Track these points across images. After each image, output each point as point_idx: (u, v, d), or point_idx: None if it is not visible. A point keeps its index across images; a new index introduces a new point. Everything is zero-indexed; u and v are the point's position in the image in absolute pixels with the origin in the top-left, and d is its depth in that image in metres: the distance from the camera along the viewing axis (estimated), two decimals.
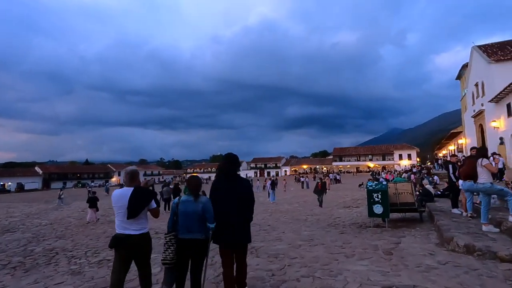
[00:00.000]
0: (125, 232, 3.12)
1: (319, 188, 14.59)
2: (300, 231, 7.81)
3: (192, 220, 3.22)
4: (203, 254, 3.27)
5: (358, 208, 12.51)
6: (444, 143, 51.52)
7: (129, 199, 3.11)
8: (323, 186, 14.77)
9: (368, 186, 7.79)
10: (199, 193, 3.38)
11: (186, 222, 3.22)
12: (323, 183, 15.19)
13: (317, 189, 14.81)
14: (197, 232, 3.22)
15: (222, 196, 3.30)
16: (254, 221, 10.47)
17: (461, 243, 4.73)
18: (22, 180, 72.85)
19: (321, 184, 14.83)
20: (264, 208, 14.44)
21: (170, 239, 3.20)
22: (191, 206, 3.23)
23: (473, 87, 29.69)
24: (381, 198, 7.46)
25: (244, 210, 3.32)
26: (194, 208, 3.22)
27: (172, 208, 3.39)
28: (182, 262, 3.23)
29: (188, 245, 3.20)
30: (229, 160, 3.42)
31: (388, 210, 7.47)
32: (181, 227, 3.23)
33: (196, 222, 3.22)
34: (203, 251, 3.27)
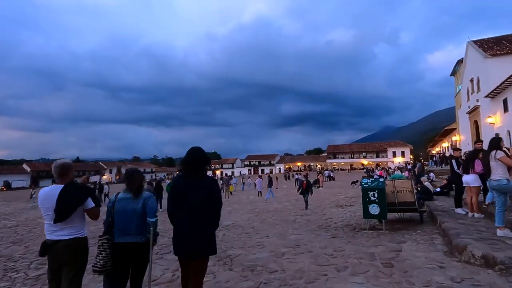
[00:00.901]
0: (53, 238, 2.72)
1: (303, 188, 12.73)
2: (286, 234, 6.89)
3: (130, 220, 2.85)
4: (144, 260, 2.89)
5: (352, 207, 11.67)
6: (437, 140, 51.36)
7: (57, 198, 2.68)
8: (309, 186, 12.85)
9: (363, 184, 6.90)
10: (141, 189, 2.98)
11: (123, 223, 2.84)
12: (308, 182, 13.12)
13: (301, 188, 12.96)
14: (136, 235, 2.84)
15: (180, 199, 2.77)
16: (238, 222, 9.68)
17: (478, 253, 3.85)
18: (9, 178, 71.02)
19: (306, 183, 12.92)
20: (252, 207, 13.52)
21: (103, 243, 2.82)
22: (129, 205, 2.86)
23: (468, 83, 29.22)
24: (378, 197, 6.58)
25: (205, 215, 2.75)
26: (133, 207, 2.86)
27: (107, 208, 2.97)
28: (120, 270, 2.84)
29: (125, 250, 2.82)
30: (191, 155, 2.86)
31: (385, 211, 6.59)
32: (117, 229, 2.85)
33: (135, 223, 2.85)
34: (144, 257, 2.87)
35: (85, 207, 2.82)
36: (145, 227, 2.86)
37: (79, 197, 2.78)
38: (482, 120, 24.90)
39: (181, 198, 2.75)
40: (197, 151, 2.90)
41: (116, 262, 2.82)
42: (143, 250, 2.87)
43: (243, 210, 12.56)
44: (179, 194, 2.78)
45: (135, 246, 2.83)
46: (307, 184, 12.78)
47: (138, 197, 2.91)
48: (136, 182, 2.97)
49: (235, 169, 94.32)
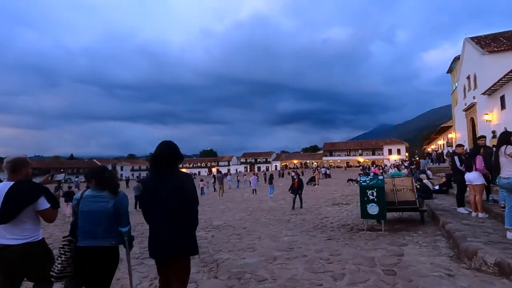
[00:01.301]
0: (2, 242, 2.47)
1: (295, 187, 11.68)
2: (279, 236, 6.47)
3: (97, 222, 2.55)
4: (111, 266, 2.62)
5: (348, 205, 11.29)
6: (433, 138, 51.35)
7: (4, 196, 2.45)
8: (300, 184, 11.75)
9: (361, 182, 6.49)
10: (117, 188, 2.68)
11: (88, 224, 2.55)
12: (300, 180, 12.00)
13: (293, 187, 11.90)
14: (103, 238, 2.56)
15: (154, 198, 2.48)
16: (230, 222, 9.14)
17: (490, 260, 3.45)
18: (1, 176, 69.86)
19: (297, 181, 11.85)
20: (246, 205, 13.09)
21: (64, 246, 2.58)
22: (97, 204, 2.57)
23: (465, 80, 29.06)
24: (377, 196, 6.17)
25: (181, 213, 2.48)
26: (102, 206, 2.56)
27: (72, 207, 2.76)
28: (83, 277, 2.59)
29: (89, 255, 2.53)
30: (164, 150, 2.58)
31: (384, 210, 6.19)
32: (81, 232, 2.57)
33: (103, 224, 2.56)
34: (112, 263, 2.61)
35: (38, 208, 2.55)
36: (115, 230, 2.61)
37: (30, 195, 2.51)
38: (478, 117, 24.75)
39: (155, 197, 2.48)
40: (169, 145, 2.62)
41: (79, 268, 2.58)
42: (111, 255, 2.61)
43: (236, 208, 12.13)
44: (152, 193, 2.50)
45: (102, 250, 2.55)
46: (298, 183, 11.82)
47: (109, 195, 2.62)
48: (110, 179, 2.69)
49: (231, 167, 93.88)
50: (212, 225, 8.29)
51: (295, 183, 11.81)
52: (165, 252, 2.42)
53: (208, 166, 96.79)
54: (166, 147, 2.59)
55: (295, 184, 11.80)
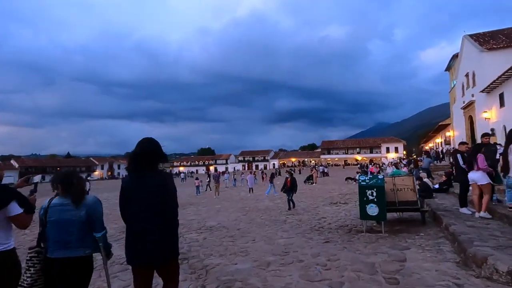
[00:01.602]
0: None
1: (287, 186, 10.85)
2: (274, 238, 6.16)
3: (69, 232, 2.36)
4: (86, 277, 2.42)
5: (347, 205, 11.01)
6: (431, 136, 51.28)
7: None
8: (293, 184, 10.87)
9: (360, 181, 6.19)
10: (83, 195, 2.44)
11: (59, 235, 2.35)
12: (293, 179, 11.08)
13: (285, 187, 11.06)
14: (76, 248, 2.37)
15: (134, 197, 2.38)
16: (224, 223, 8.65)
17: (503, 268, 3.16)
18: None
19: (290, 180, 10.93)
20: (242, 205, 12.77)
21: (31, 257, 2.38)
22: (67, 213, 2.36)
23: (463, 78, 28.89)
24: (377, 196, 5.87)
25: (162, 213, 2.37)
26: (72, 215, 2.36)
27: (39, 216, 2.48)
28: None
29: (61, 267, 2.32)
30: (145, 147, 2.46)
31: (384, 211, 5.90)
32: (52, 243, 2.35)
33: (77, 234, 2.37)
34: (87, 274, 2.42)
35: (9, 214, 2.34)
36: (89, 239, 2.43)
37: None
38: (477, 115, 24.60)
39: (137, 196, 2.36)
40: (151, 142, 2.51)
41: (50, 280, 2.37)
42: (85, 265, 2.42)
43: (232, 208, 11.82)
44: (134, 192, 2.38)
45: (76, 261, 2.37)
46: (291, 182, 10.90)
47: (80, 204, 2.42)
48: (76, 186, 2.46)
49: (229, 165, 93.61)
50: (205, 226, 7.97)
51: (288, 183, 11.02)
52: (154, 252, 2.28)
53: (206, 165, 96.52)
54: (146, 144, 2.48)
55: (287, 184, 11.01)
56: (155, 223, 2.32)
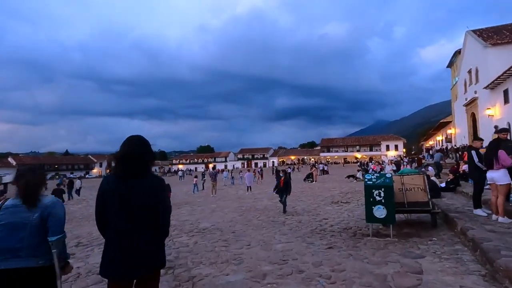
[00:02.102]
0: None
1: (280, 186, 9.79)
2: (272, 242, 5.61)
3: (20, 238, 2.02)
4: None
5: (349, 204, 10.48)
6: (431, 134, 50.83)
7: None
8: (287, 183, 9.75)
9: (367, 181, 5.63)
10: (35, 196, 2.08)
11: (7, 241, 2.00)
12: (286, 178, 9.99)
13: (278, 187, 10.03)
14: (27, 257, 2.01)
15: (116, 204, 2.00)
16: (218, 225, 7.81)
17: None
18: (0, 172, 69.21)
19: (283, 179, 9.85)
20: (239, 204, 12.22)
21: None
22: (19, 215, 2.04)
23: (466, 74, 28.39)
24: (385, 197, 5.33)
25: (149, 223, 2.05)
26: (24, 217, 2.04)
27: None
28: None
29: (8, 281, 1.97)
30: (135, 148, 2.12)
31: (393, 214, 5.35)
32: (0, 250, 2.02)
33: (28, 241, 2.03)
34: None
35: None
36: (45, 247, 2.05)
37: None
38: (480, 112, 24.14)
39: (117, 203, 2.02)
40: (141, 141, 2.18)
41: None
42: (40, 279, 2.04)
43: (228, 208, 11.28)
44: (114, 199, 2.02)
45: (27, 273, 2.01)
46: (284, 181, 9.72)
47: (34, 207, 2.08)
48: (26, 185, 2.09)
49: (228, 163, 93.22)
50: (198, 228, 7.42)
51: (281, 182, 9.84)
52: (136, 267, 1.99)
53: (205, 162, 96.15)
54: (138, 143, 2.15)
55: (280, 183, 9.86)
56: (142, 237, 2.03)
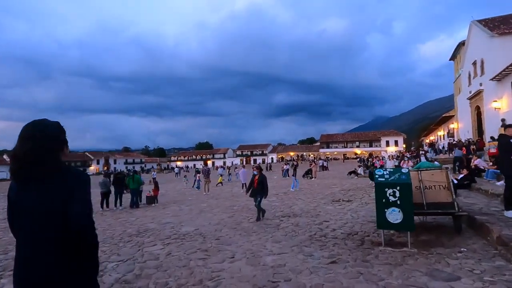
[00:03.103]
0: None
1: (254, 187, 7.71)
2: (261, 253, 4.57)
3: None
4: None
5: (352, 203, 9.46)
6: (432, 129, 49.88)
7: None
8: (262, 184, 7.60)
9: (377, 177, 4.58)
10: None
11: None
12: (261, 177, 7.75)
13: (251, 187, 7.88)
14: None
15: (18, 213, 1.51)
16: (202, 228, 6.49)
17: None
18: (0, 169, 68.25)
19: (258, 178, 7.69)
20: (231, 203, 11.18)
21: None
22: None
23: (470, 67, 27.32)
24: (401, 197, 4.28)
25: (54, 241, 1.44)
26: None
27: None
28: None
29: None
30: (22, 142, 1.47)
31: (412, 218, 4.31)
32: None
33: None
34: None
35: None
36: None
37: None
38: (485, 105, 23.13)
39: (18, 212, 1.50)
40: (38, 129, 1.48)
41: None
42: None
43: (218, 207, 10.24)
44: (15, 206, 1.51)
45: None
46: (259, 181, 7.62)
47: None
48: None
49: (227, 159, 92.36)
50: (177, 234, 6.36)
51: (255, 182, 7.74)
52: None
53: (203, 159, 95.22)
54: (31, 134, 1.46)
55: (254, 183, 7.74)
56: (46, 261, 1.43)
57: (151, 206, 11.73)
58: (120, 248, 5.32)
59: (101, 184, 11.66)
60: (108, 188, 11.56)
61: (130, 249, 5.15)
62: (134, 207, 11.38)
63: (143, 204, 12.26)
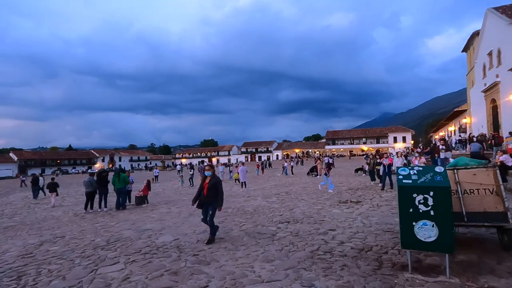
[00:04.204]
0: None
1: (204, 195, 5.27)
2: (246, 279, 3.44)
3: None
4: None
5: (361, 205, 8.28)
6: (442, 124, 48.06)
7: None
8: (214, 189, 5.26)
9: (402, 177, 3.40)
10: None
11: None
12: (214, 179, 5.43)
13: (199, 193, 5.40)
14: None
15: None
16: (182, 239, 5.23)
17: None
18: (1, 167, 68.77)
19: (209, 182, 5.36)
20: (227, 204, 10.03)
21: None
22: None
23: (485, 57, 25.72)
24: (436, 207, 3.11)
25: None
26: None
27: None
28: None
29: None
30: None
31: (451, 236, 3.14)
32: None
33: None
34: None
35: None
36: None
37: None
38: (502, 97, 21.60)
39: None
40: None
41: None
42: None
43: None
44: None
45: None
46: (210, 186, 5.26)
47: None
48: None
49: (232, 156, 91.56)
50: (152, 246, 5.25)
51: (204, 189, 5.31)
52: None
53: (208, 156, 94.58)
54: None
55: (203, 190, 5.34)
56: None
57: (139, 208, 10.67)
58: (73, 267, 4.24)
59: (86, 183, 10.62)
60: (93, 188, 10.51)
61: (82, 270, 4.06)
62: (120, 209, 10.33)
63: (131, 205, 11.21)
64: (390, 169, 11.73)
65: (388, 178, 11.36)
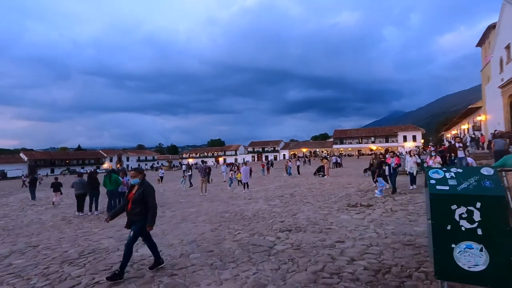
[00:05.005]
0: None
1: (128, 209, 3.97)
2: None
3: None
4: None
5: (373, 210, 7.38)
6: (455, 122, 46.32)
7: None
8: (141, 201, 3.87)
9: (434, 182, 2.53)
10: None
11: None
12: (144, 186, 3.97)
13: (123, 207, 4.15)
14: None
15: None
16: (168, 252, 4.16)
17: None
18: (6, 168, 69.73)
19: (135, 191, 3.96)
20: (224, 208, 9.25)
21: None
22: None
23: (503, 51, 24.37)
24: (484, 223, 2.26)
25: None
26: None
27: None
28: None
29: None
30: None
31: (509, 264, 2.28)
32: None
33: None
34: None
35: None
36: None
37: None
38: None
39: None
40: None
41: None
42: None
43: (207, 214, 8.35)
44: None
45: None
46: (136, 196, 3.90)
47: None
48: None
49: (238, 156, 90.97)
50: (130, 261, 4.50)
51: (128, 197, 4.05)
52: None
53: (215, 156, 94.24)
54: None
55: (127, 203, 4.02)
56: None
57: None
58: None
59: (76, 184, 9.97)
60: (84, 189, 9.86)
61: None
62: None
63: None
64: (396, 170, 10.75)
65: (391, 180, 10.44)
